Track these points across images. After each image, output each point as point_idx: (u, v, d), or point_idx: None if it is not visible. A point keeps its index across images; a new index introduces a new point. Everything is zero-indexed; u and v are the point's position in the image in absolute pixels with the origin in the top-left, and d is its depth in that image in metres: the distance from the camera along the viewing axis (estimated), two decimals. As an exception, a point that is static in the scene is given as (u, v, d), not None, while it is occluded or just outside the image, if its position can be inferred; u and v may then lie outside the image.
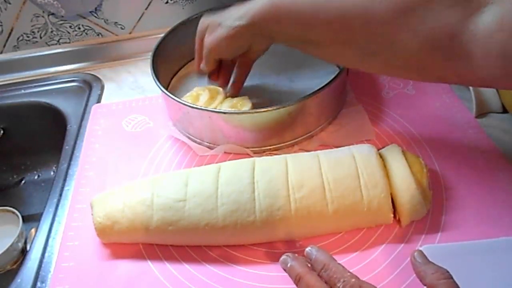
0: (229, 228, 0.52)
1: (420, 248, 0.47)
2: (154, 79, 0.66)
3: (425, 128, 0.66)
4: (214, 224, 0.52)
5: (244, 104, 0.67)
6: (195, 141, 0.67)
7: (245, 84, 0.76)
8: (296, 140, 0.65)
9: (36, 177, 0.88)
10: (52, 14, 0.84)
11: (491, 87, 0.49)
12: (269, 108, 0.60)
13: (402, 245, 0.52)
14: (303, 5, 0.51)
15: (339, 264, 0.43)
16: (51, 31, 0.87)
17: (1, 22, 0.84)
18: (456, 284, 0.39)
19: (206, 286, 0.51)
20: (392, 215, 0.52)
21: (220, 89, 0.70)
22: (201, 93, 0.69)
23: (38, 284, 0.53)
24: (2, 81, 0.87)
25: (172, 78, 0.80)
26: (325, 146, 0.64)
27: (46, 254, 0.56)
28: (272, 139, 0.64)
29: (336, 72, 0.65)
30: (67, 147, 0.71)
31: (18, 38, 0.87)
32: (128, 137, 0.70)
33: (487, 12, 0.40)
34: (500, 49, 0.39)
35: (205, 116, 0.62)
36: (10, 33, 0.86)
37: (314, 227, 0.53)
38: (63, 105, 0.79)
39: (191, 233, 0.52)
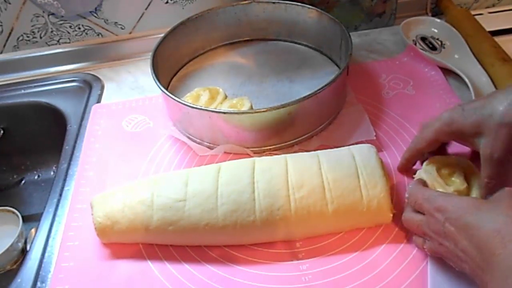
0: (229, 228, 0.52)
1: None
2: (154, 79, 0.66)
3: (425, 128, 0.66)
4: (214, 224, 0.52)
5: (243, 104, 0.67)
6: (195, 141, 0.67)
7: (245, 85, 0.77)
8: (296, 140, 0.65)
9: (36, 177, 0.88)
10: (52, 14, 0.84)
11: None
12: (269, 108, 0.60)
13: (402, 245, 0.52)
14: None
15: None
16: (51, 31, 0.87)
17: (1, 22, 0.84)
18: None
19: (206, 286, 0.51)
20: (391, 215, 0.53)
21: (220, 89, 0.70)
22: (201, 94, 0.69)
23: (38, 284, 0.53)
24: (2, 81, 0.87)
25: (172, 78, 0.80)
26: (325, 146, 0.64)
27: (46, 254, 0.56)
28: (272, 139, 0.64)
29: (336, 72, 0.65)
30: (67, 147, 0.71)
31: (18, 38, 0.87)
32: (128, 137, 0.70)
33: None
34: None
35: (205, 116, 0.62)
36: (10, 33, 0.86)
37: (314, 227, 0.53)
38: (63, 105, 0.79)
39: (191, 233, 0.52)
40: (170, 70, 0.79)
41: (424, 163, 0.56)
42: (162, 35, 0.74)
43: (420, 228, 0.48)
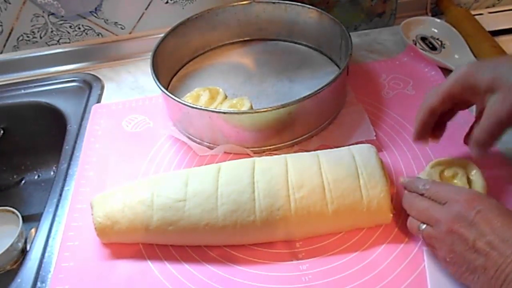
0: (229, 228, 0.52)
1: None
2: (154, 79, 0.66)
3: (425, 128, 0.66)
4: (214, 224, 0.52)
5: (243, 104, 0.67)
6: (195, 141, 0.67)
7: (245, 85, 0.77)
8: (296, 140, 0.65)
9: (36, 177, 0.88)
10: (52, 14, 0.84)
11: None
12: (269, 108, 0.60)
13: (402, 245, 0.52)
14: None
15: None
16: (51, 31, 0.87)
17: (1, 22, 0.84)
18: None
19: (206, 286, 0.51)
20: (391, 215, 0.53)
21: (220, 89, 0.70)
22: (201, 94, 0.69)
23: (38, 284, 0.53)
24: (2, 81, 0.87)
25: (172, 78, 0.80)
26: (325, 146, 0.64)
27: (46, 254, 0.56)
28: (272, 139, 0.64)
29: (336, 72, 0.65)
30: (67, 147, 0.71)
31: (18, 38, 0.87)
32: (128, 137, 0.70)
33: None
34: None
35: (205, 116, 0.62)
36: (10, 33, 0.86)
37: (314, 227, 0.53)
38: (63, 105, 0.79)
39: (191, 233, 0.52)
40: (170, 70, 0.79)
41: (428, 166, 0.56)
42: (162, 35, 0.75)
43: (426, 212, 0.48)
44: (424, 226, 0.48)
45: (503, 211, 0.43)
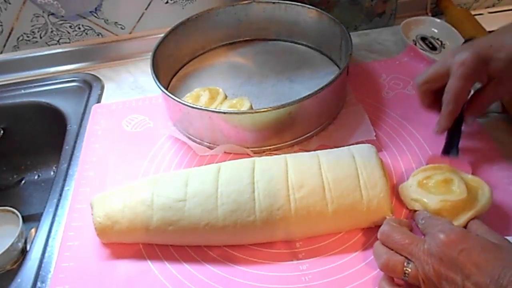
0: (229, 228, 0.52)
1: None
2: (154, 79, 0.66)
3: (425, 128, 0.66)
4: (214, 224, 0.52)
5: (243, 104, 0.67)
6: (195, 141, 0.67)
7: (245, 85, 0.77)
8: (296, 140, 0.65)
9: (36, 177, 0.88)
10: (52, 14, 0.84)
11: None
12: (269, 108, 0.60)
13: (402, 245, 0.52)
14: None
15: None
16: (51, 31, 0.87)
17: (1, 22, 0.84)
18: None
19: (206, 286, 0.51)
20: (391, 215, 0.52)
21: (220, 89, 0.70)
22: (201, 94, 0.69)
23: (38, 284, 0.53)
24: (2, 81, 0.87)
25: (172, 78, 0.80)
26: (325, 146, 0.64)
27: (46, 254, 0.56)
28: (272, 139, 0.64)
29: (336, 72, 0.65)
30: (67, 147, 0.71)
31: (18, 38, 0.87)
32: (128, 137, 0.70)
33: None
34: None
35: (205, 116, 0.62)
36: (10, 33, 0.86)
37: (314, 227, 0.53)
38: (63, 105, 0.79)
39: (191, 233, 0.52)
40: (170, 70, 0.79)
41: (411, 175, 0.56)
42: (162, 35, 0.75)
43: (408, 247, 0.46)
44: (410, 266, 0.45)
45: (488, 247, 0.42)
